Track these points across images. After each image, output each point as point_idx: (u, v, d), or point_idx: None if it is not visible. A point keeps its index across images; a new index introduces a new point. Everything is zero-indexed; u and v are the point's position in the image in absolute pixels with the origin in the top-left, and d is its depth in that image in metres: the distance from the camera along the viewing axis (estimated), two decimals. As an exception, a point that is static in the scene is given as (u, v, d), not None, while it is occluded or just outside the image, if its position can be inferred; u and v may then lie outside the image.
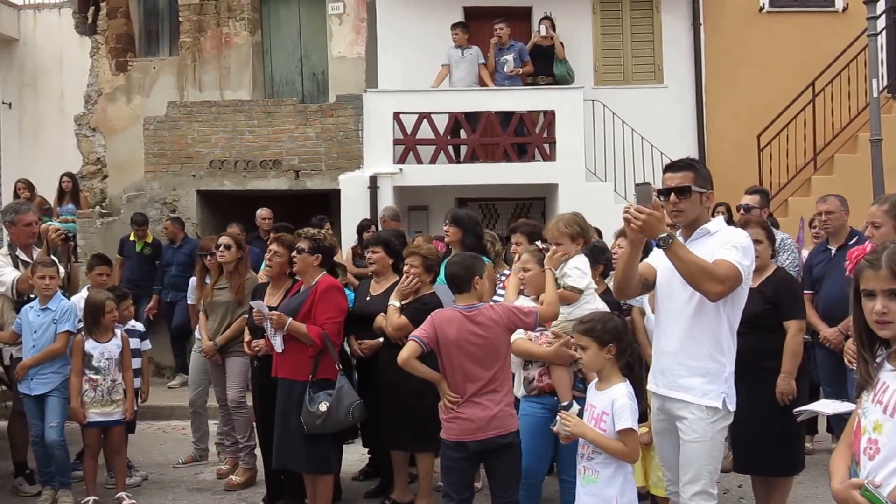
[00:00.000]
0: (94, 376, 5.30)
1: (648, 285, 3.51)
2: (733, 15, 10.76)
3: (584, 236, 4.16)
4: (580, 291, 4.05)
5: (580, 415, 3.58)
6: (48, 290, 5.29)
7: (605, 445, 3.37)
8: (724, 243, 3.29)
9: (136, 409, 5.56)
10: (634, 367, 3.52)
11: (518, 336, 4.03)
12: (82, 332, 5.38)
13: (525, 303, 4.10)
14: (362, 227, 8.18)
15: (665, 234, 3.15)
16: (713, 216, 3.68)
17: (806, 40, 10.53)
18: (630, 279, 3.39)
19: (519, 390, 4.16)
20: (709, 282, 3.17)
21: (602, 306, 4.10)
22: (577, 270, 4.06)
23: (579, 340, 3.48)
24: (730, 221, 5.72)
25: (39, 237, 5.74)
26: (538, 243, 4.50)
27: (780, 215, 9.12)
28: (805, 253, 6.44)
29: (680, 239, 3.39)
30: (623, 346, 3.45)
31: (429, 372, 3.87)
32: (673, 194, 3.36)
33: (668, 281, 3.40)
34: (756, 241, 3.84)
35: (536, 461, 4.05)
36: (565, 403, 3.87)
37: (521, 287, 4.21)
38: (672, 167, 3.46)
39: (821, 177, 9.84)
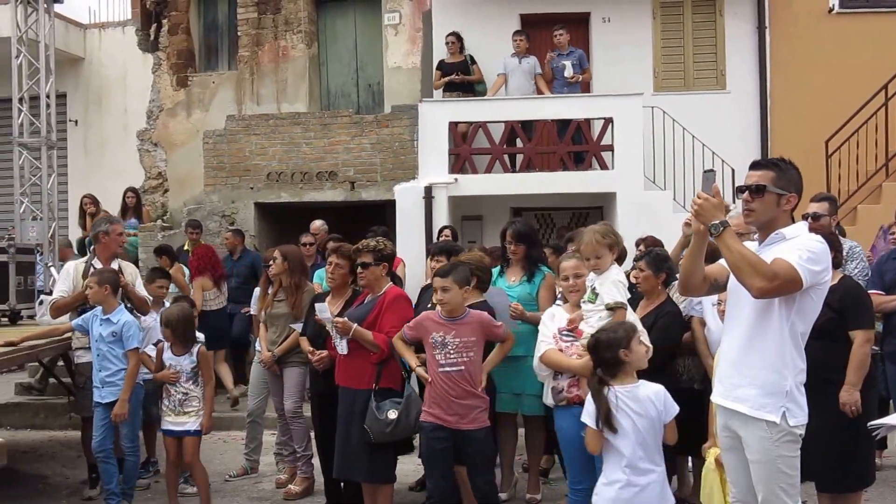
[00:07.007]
0: (167, 386, 5.37)
1: (718, 286, 3.39)
2: (801, 17, 10.45)
3: (618, 244, 4.32)
4: (623, 306, 4.13)
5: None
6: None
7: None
8: (792, 246, 3.11)
9: None
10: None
11: (549, 347, 4.21)
12: (162, 342, 5.45)
13: (560, 312, 4.32)
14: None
15: (717, 221, 3.06)
16: None
17: (878, 42, 10.14)
18: (692, 273, 3.29)
19: (547, 398, 4.30)
20: (753, 275, 3.00)
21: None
22: (620, 285, 4.18)
23: None
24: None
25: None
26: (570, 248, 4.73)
27: (849, 223, 8.77)
28: None
29: (754, 242, 3.28)
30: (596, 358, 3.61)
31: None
32: (746, 192, 3.22)
33: (738, 283, 3.22)
34: None
35: (580, 469, 4.12)
36: None
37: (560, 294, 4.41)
38: (754, 165, 3.31)
39: (892, 183, 9.46)
